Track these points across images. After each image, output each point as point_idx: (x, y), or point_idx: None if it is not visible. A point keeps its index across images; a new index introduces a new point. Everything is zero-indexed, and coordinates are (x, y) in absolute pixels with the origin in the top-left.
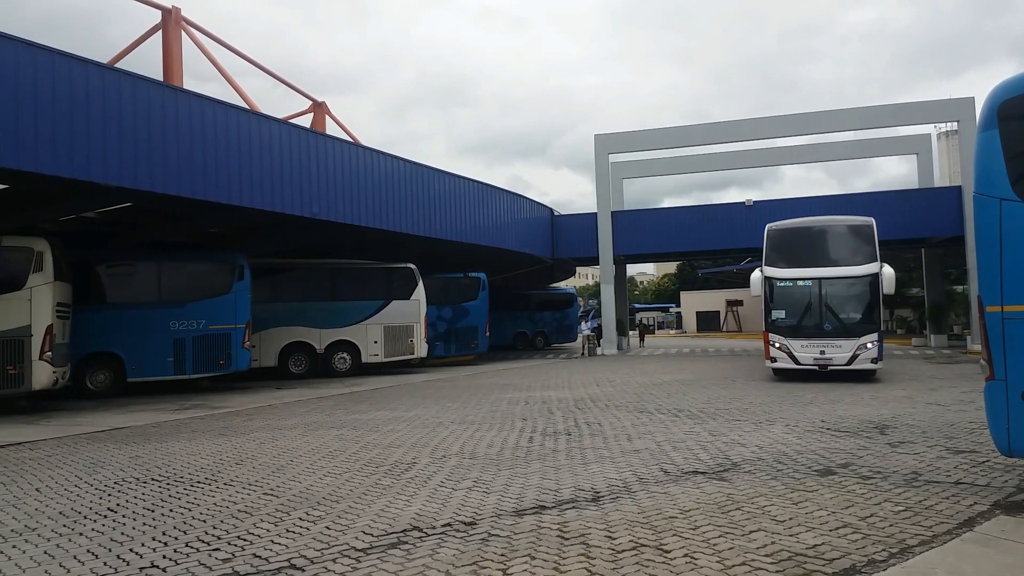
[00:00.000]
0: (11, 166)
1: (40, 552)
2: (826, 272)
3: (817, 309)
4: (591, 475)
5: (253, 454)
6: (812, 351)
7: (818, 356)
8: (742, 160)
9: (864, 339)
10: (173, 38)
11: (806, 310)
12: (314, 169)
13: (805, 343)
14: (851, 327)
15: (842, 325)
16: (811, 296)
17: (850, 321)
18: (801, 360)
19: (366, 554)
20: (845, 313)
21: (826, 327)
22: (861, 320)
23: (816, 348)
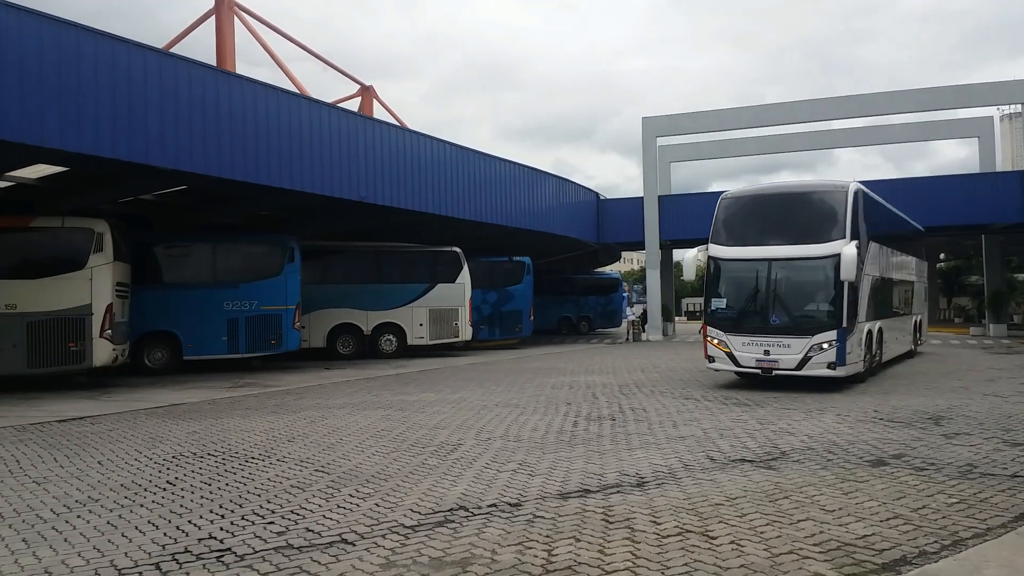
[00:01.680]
0: (73, 149)
1: (103, 522)
2: (774, 252)
3: (763, 298)
4: (636, 460)
5: (304, 432)
6: (755, 351)
7: (761, 357)
8: (795, 143)
9: (819, 338)
10: (226, 24)
11: (749, 299)
12: (362, 153)
13: (747, 340)
14: (802, 322)
15: (792, 319)
16: (757, 282)
17: (802, 314)
18: (742, 361)
19: (414, 531)
20: (796, 304)
21: (773, 321)
22: (816, 313)
23: (759, 347)
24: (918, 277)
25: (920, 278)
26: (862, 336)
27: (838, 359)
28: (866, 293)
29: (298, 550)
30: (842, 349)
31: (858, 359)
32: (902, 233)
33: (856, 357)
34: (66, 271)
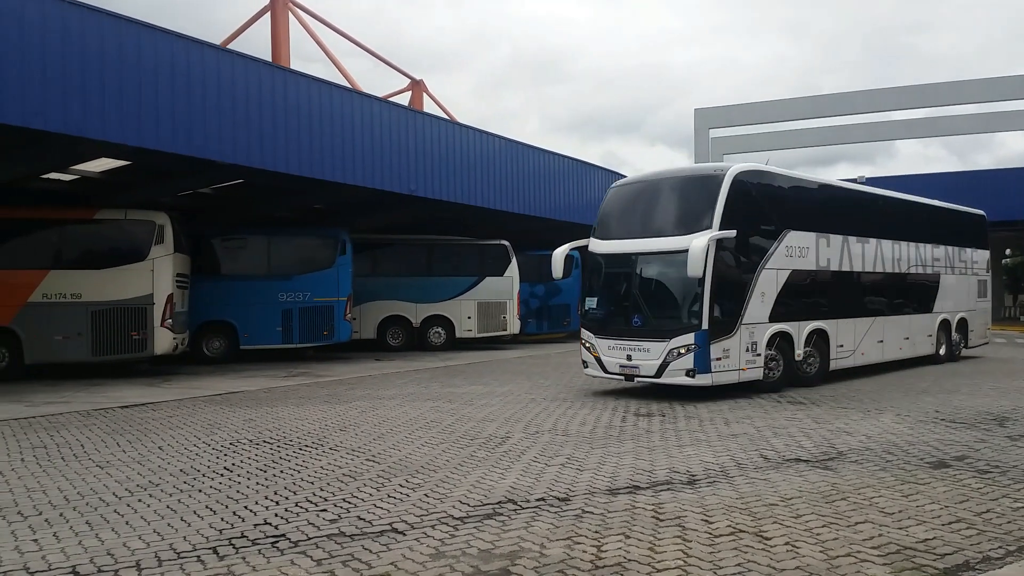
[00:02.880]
0: (134, 144)
1: (163, 507)
2: (636, 245)
3: (627, 297)
4: (686, 458)
5: (355, 422)
6: (619, 355)
7: (624, 363)
8: (853, 134)
9: (676, 342)
10: (281, 20)
11: (615, 298)
12: (412, 147)
13: (612, 344)
14: (661, 323)
15: (651, 320)
16: (622, 279)
17: (660, 315)
18: (608, 367)
19: (463, 522)
20: (656, 303)
21: (634, 323)
22: (675, 314)
23: (623, 351)
24: (951, 269)
25: (955, 271)
26: (755, 340)
27: (697, 365)
28: (770, 290)
29: (350, 538)
30: (703, 354)
31: (739, 366)
32: (890, 219)
33: (734, 364)
34: (129, 262)
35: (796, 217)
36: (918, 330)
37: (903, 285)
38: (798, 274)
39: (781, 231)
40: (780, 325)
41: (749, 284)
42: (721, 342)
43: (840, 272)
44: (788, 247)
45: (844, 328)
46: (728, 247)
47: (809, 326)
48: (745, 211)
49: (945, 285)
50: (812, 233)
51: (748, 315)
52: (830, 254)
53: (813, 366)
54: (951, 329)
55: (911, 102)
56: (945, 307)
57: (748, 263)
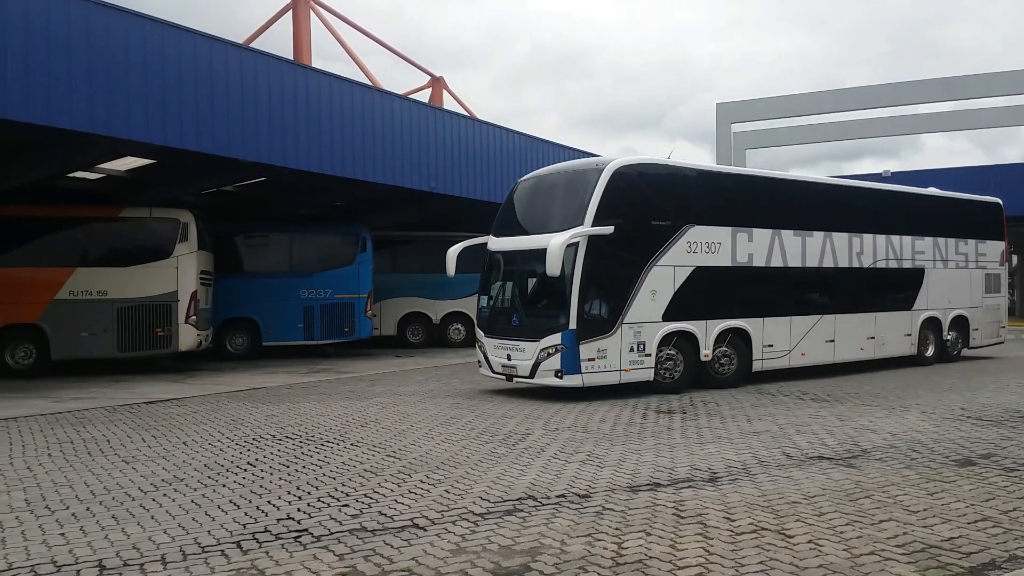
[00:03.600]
0: (159, 142)
1: (188, 501)
2: (516, 243)
3: (508, 296)
4: (708, 455)
5: (376, 418)
6: (501, 355)
7: (505, 362)
8: (877, 128)
9: (545, 341)
10: (302, 18)
11: (500, 297)
12: (432, 144)
13: (497, 343)
14: (533, 323)
15: (525, 320)
16: (505, 277)
17: (533, 314)
18: (494, 366)
19: (483, 519)
20: (529, 302)
21: (513, 322)
22: (545, 313)
23: (504, 351)
24: (943, 263)
25: (950, 264)
26: (643, 340)
27: (564, 366)
28: (664, 287)
29: (372, 533)
30: (570, 355)
31: (621, 367)
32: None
33: (613, 364)
34: (153, 259)
35: (701, 211)
36: (890, 328)
37: (866, 281)
38: (705, 271)
39: (680, 226)
40: (679, 324)
41: (635, 282)
42: (595, 342)
43: (768, 268)
44: (690, 243)
45: (774, 327)
46: (605, 243)
47: (721, 325)
48: (628, 206)
49: (932, 280)
50: (726, 228)
51: (632, 314)
52: (753, 249)
53: (728, 367)
54: (943, 327)
55: (936, 95)
56: (933, 303)
57: (632, 260)
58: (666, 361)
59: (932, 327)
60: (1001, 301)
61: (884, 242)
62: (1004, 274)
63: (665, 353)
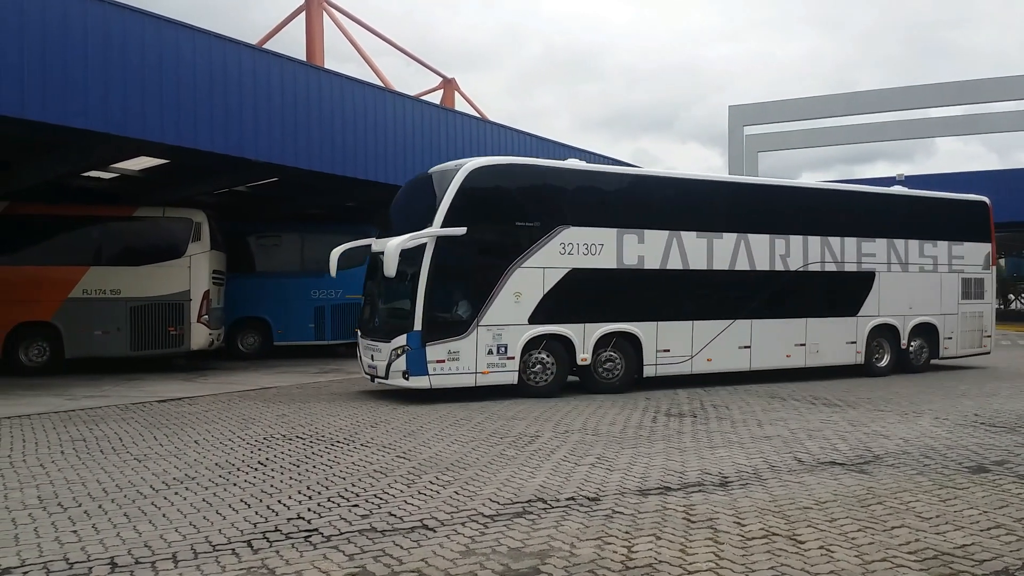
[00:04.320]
0: (172, 142)
1: (199, 499)
2: (380, 244)
3: (374, 296)
4: (718, 459)
5: (386, 418)
6: (367, 356)
7: (370, 363)
8: (890, 132)
9: (395, 342)
10: (315, 20)
11: (368, 298)
12: (443, 145)
13: (365, 344)
14: (386, 324)
15: (382, 321)
16: (373, 278)
17: (387, 315)
18: (364, 366)
19: (493, 520)
20: (385, 303)
21: (375, 323)
22: (396, 314)
23: (369, 352)
24: (903, 266)
25: (912, 268)
26: (504, 342)
27: (409, 367)
28: (531, 289)
29: (381, 533)
30: (415, 356)
31: (477, 369)
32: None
33: (467, 366)
34: (166, 259)
35: (579, 212)
36: (827, 335)
37: (794, 285)
38: (582, 273)
39: (552, 227)
40: (550, 327)
41: (494, 283)
42: (445, 343)
43: (664, 271)
44: (564, 244)
45: (671, 332)
46: (457, 245)
47: (603, 329)
48: (486, 207)
49: (886, 285)
50: (610, 229)
51: (491, 316)
52: (644, 251)
53: (613, 371)
54: (900, 336)
55: (950, 99)
56: (888, 310)
57: (491, 261)
58: (535, 365)
59: (886, 335)
60: (985, 308)
61: (818, 244)
62: (989, 279)
63: (535, 357)
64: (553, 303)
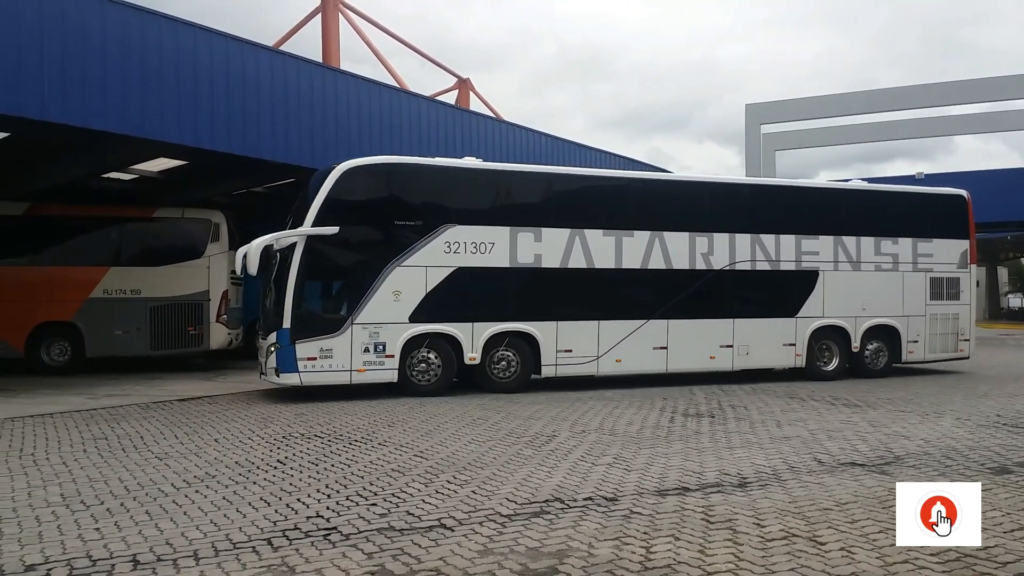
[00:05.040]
0: (191, 144)
1: (219, 497)
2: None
3: (261, 293)
4: (737, 460)
5: (403, 418)
6: (262, 354)
7: (260, 359)
8: (909, 130)
9: (269, 340)
10: (331, 21)
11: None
12: (458, 144)
13: (260, 341)
14: (266, 322)
15: (263, 318)
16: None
17: (266, 313)
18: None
19: (511, 520)
20: (264, 302)
21: (260, 320)
22: (271, 312)
23: (263, 349)
24: (853, 265)
25: (864, 267)
26: (381, 340)
27: (279, 364)
28: (412, 288)
29: (400, 532)
30: (285, 353)
31: (353, 367)
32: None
33: (341, 364)
34: (185, 259)
35: (466, 211)
36: (758, 337)
37: (718, 284)
38: (469, 271)
39: (436, 226)
40: (433, 326)
41: (371, 282)
42: (316, 341)
43: (564, 270)
44: (449, 243)
45: (574, 331)
46: (329, 244)
47: (494, 328)
48: (361, 207)
49: (832, 284)
50: (502, 227)
51: (367, 314)
52: (542, 250)
53: (508, 371)
54: (852, 338)
55: (970, 96)
56: (834, 311)
57: (366, 260)
58: (419, 363)
59: (834, 337)
60: (961, 310)
61: (747, 242)
62: (967, 278)
63: (420, 355)
64: (437, 302)
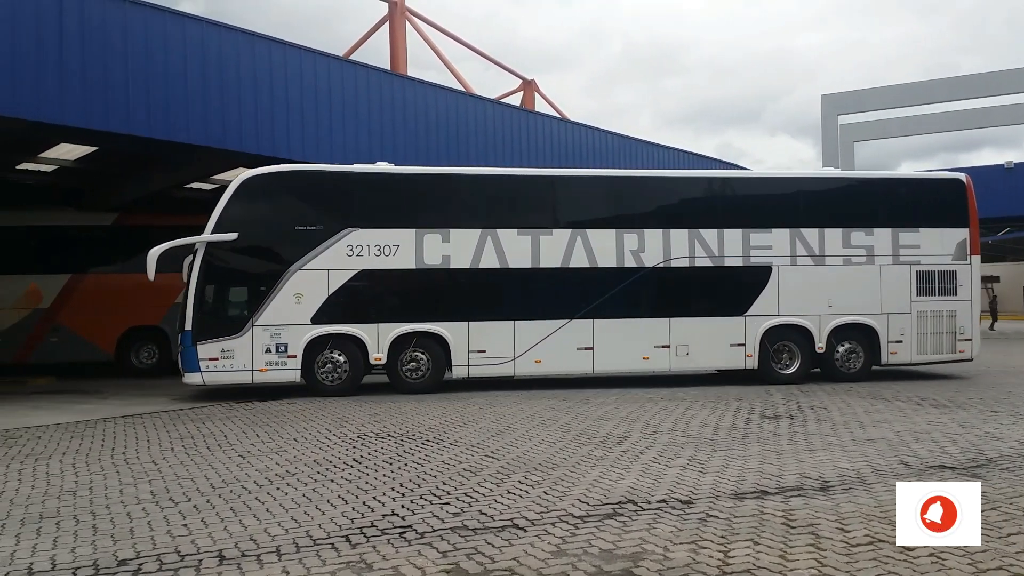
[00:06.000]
0: (267, 153)
1: (299, 495)
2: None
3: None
4: (818, 463)
5: (473, 418)
6: None
7: None
8: (996, 117)
9: (179, 340)
10: (398, 29)
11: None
12: (524, 146)
13: None
14: (179, 324)
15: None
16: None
17: (180, 315)
18: None
19: (583, 521)
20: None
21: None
22: (181, 315)
23: None
24: (816, 259)
25: (830, 261)
26: (283, 341)
27: (183, 364)
28: (314, 291)
29: (473, 532)
30: (187, 354)
31: (255, 367)
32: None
33: (243, 364)
34: None
35: (368, 214)
36: (701, 337)
37: (650, 282)
38: (373, 273)
39: (337, 230)
40: (336, 327)
41: (272, 285)
42: (219, 342)
43: (474, 270)
44: (351, 246)
45: (487, 332)
46: (229, 250)
47: (400, 329)
48: (263, 213)
49: (788, 280)
50: (407, 230)
51: (267, 316)
52: (450, 251)
53: (418, 371)
54: (816, 338)
55: None
56: (791, 308)
57: (267, 264)
58: (325, 364)
59: (793, 337)
60: (960, 306)
61: (685, 237)
62: (967, 271)
63: (325, 356)
64: (340, 304)
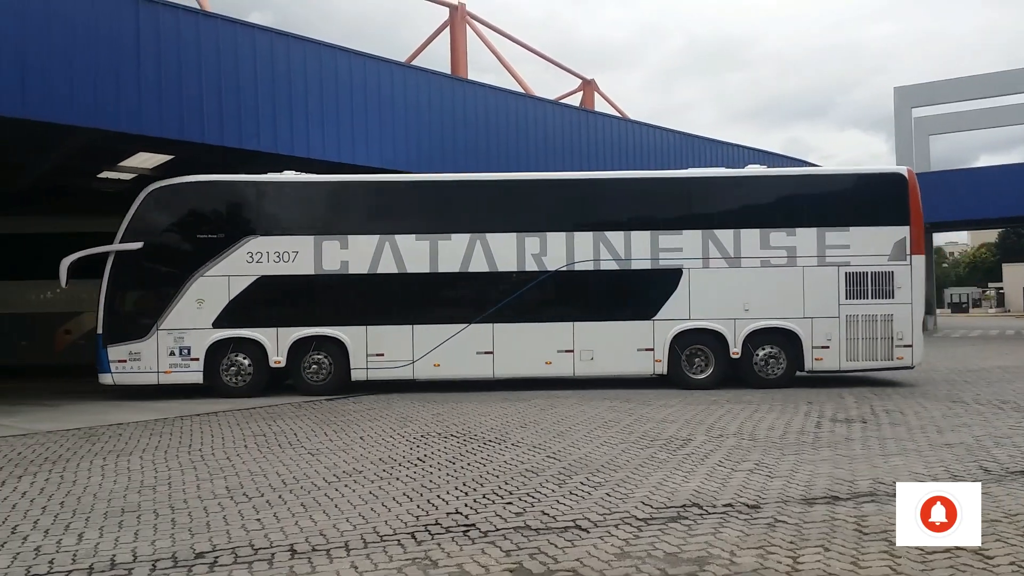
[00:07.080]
0: (333, 159)
1: (366, 492)
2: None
3: None
4: (892, 468)
5: (535, 419)
6: None
7: None
8: None
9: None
10: (459, 33)
11: None
12: (583, 145)
13: None
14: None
15: None
16: None
17: None
18: None
19: (647, 524)
20: None
21: None
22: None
23: None
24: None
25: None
26: (187, 345)
27: (97, 365)
28: (215, 296)
29: (536, 532)
30: (101, 356)
31: (160, 368)
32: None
33: (149, 366)
34: None
35: (268, 222)
36: (607, 341)
37: (553, 286)
38: (273, 279)
39: (238, 238)
40: (236, 331)
41: (175, 291)
42: (126, 345)
43: (371, 275)
44: (252, 253)
45: (385, 336)
46: (135, 258)
47: (299, 333)
48: (166, 223)
49: (700, 283)
50: (306, 237)
51: (171, 321)
52: (349, 256)
53: (320, 374)
54: (731, 343)
55: None
56: (703, 312)
57: (171, 271)
58: (230, 367)
59: (707, 342)
60: (898, 309)
61: (589, 240)
62: (906, 272)
63: (229, 359)
64: (240, 309)
